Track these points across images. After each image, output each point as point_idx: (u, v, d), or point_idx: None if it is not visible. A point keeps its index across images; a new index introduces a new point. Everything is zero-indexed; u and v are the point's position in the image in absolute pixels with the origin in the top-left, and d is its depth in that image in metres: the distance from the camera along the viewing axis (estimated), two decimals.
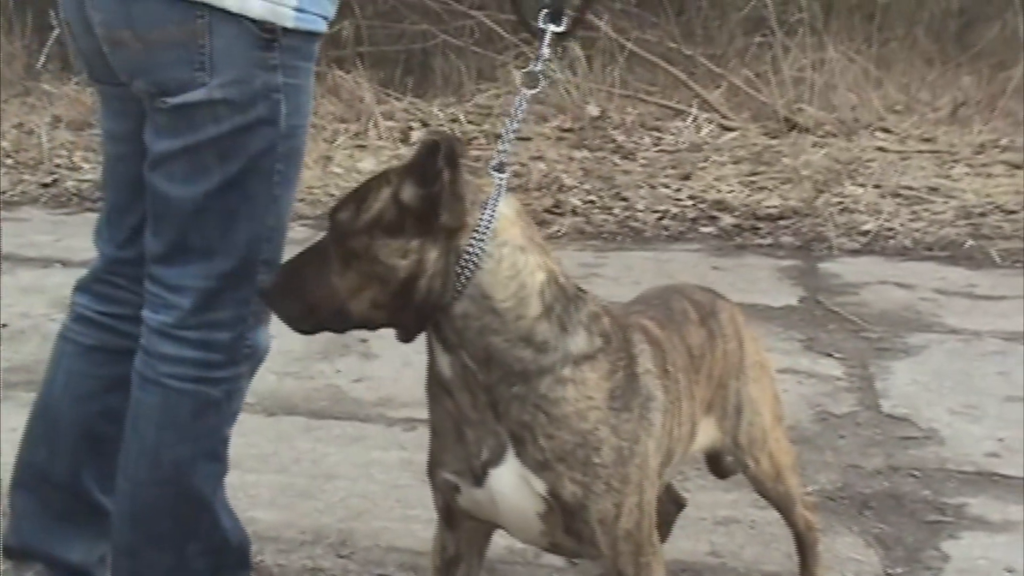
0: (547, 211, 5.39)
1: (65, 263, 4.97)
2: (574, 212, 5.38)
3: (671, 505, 2.57)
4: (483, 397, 1.72)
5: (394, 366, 3.68)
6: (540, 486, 1.74)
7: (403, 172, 1.67)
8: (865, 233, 5.08)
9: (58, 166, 6.49)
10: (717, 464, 2.44)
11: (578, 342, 1.73)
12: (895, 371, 3.70)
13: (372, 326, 1.74)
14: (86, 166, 6.46)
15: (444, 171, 1.62)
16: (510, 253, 1.68)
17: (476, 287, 1.66)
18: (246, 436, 3.28)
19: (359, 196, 1.69)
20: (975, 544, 2.75)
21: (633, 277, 4.55)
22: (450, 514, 1.89)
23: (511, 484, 1.75)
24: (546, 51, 1.92)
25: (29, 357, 3.93)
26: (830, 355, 3.84)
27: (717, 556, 2.70)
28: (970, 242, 4.98)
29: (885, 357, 3.82)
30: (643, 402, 1.81)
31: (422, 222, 1.64)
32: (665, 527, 2.58)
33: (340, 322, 1.73)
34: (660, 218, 5.37)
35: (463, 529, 1.91)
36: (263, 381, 3.70)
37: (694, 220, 5.33)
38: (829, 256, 4.90)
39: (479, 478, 1.76)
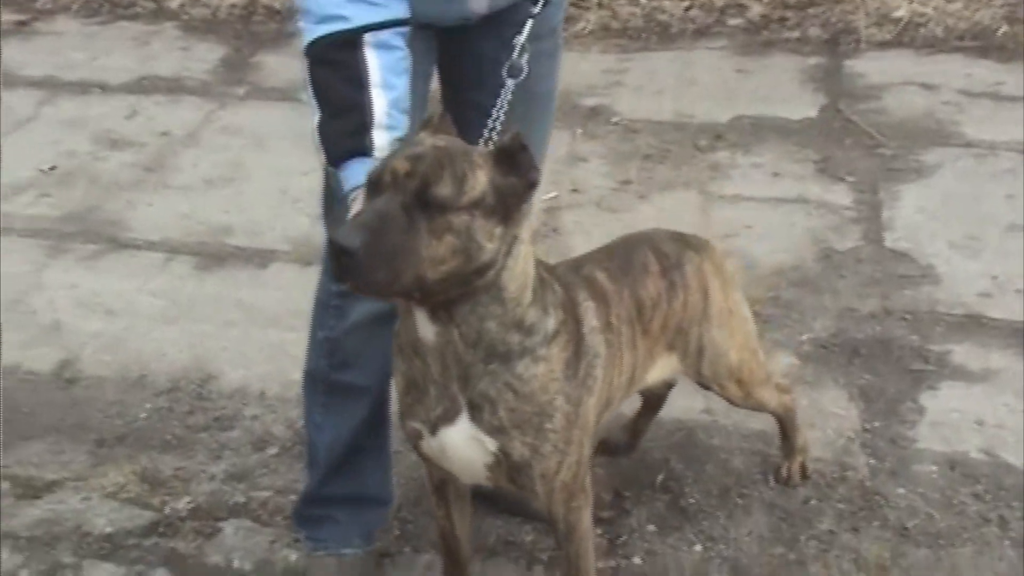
0: (572, 5, 5.32)
1: (103, 87, 5.11)
2: (599, 5, 5.31)
3: (662, 386, 2.79)
4: (455, 367, 1.85)
5: None
6: (492, 445, 1.91)
7: (492, 159, 1.72)
8: (896, 21, 4.97)
9: None
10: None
11: (551, 322, 1.87)
12: (903, 197, 3.79)
13: (418, 295, 1.72)
14: None
15: (535, 169, 1.73)
16: (524, 250, 1.80)
17: (499, 280, 1.77)
18: (282, 290, 3.57)
19: (456, 174, 1.67)
20: (951, 396, 2.97)
21: (656, 85, 4.58)
22: (421, 455, 2.08)
23: (463, 441, 1.91)
24: (523, 38, 1.98)
25: (80, 204, 4.18)
26: (842, 179, 3.92)
27: (710, 415, 2.95)
28: (1004, 28, 4.86)
29: (896, 179, 3.90)
30: (589, 360, 1.97)
31: (508, 210, 1.72)
32: (657, 401, 2.82)
33: (412, 289, 1.69)
34: (688, 8, 5.28)
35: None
36: (294, 224, 3.94)
37: (722, 11, 5.24)
38: (856, 51, 4.84)
39: (434, 429, 1.93)
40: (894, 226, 3.65)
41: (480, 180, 1.69)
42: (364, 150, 1.86)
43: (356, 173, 1.83)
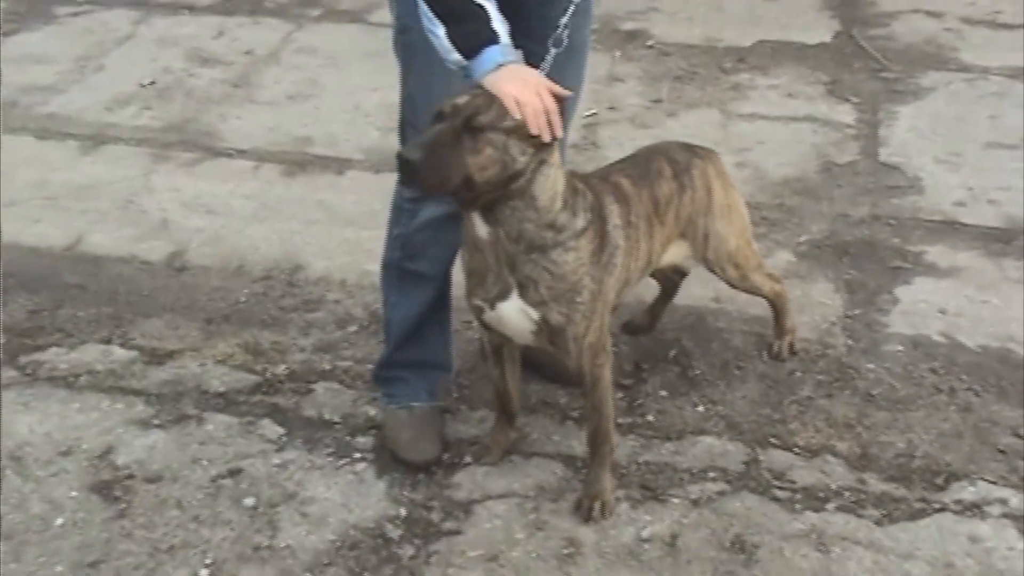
0: None
1: (191, 8, 5.66)
2: None
3: (676, 276, 3.35)
4: (504, 257, 2.47)
5: None
6: (535, 315, 2.53)
7: None
8: None
9: None
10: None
11: (580, 221, 2.47)
12: (900, 117, 4.28)
13: (467, 197, 2.32)
14: None
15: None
16: (553, 171, 2.41)
17: (530, 190, 2.39)
18: (357, 193, 4.15)
19: (499, 109, 2.25)
20: (921, 289, 3.50)
21: (688, 11, 5.05)
22: (482, 324, 2.71)
23: (514, 312, 2.54)
24: (566, 18, 2.50)
25: (178, 116, 4.76)
26: (847, 100, 4.41)
27: (718, 302, 3.48)
28: None
29: (895, 101, 4.38)
30: (611, 251, 2.56)
31: (538, 140, 2.32)
32: (672, 289, 3.38)
33: (461, 190, 2.28)
34: None
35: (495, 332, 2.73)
36: (367, 136, 4.51)
37: None
38: None
39: (492, 305, 2.56)
40: (889, 143, 4.15)
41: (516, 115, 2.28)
42: (493, 39, 2.39)
43: (490, 57, 2.36)
